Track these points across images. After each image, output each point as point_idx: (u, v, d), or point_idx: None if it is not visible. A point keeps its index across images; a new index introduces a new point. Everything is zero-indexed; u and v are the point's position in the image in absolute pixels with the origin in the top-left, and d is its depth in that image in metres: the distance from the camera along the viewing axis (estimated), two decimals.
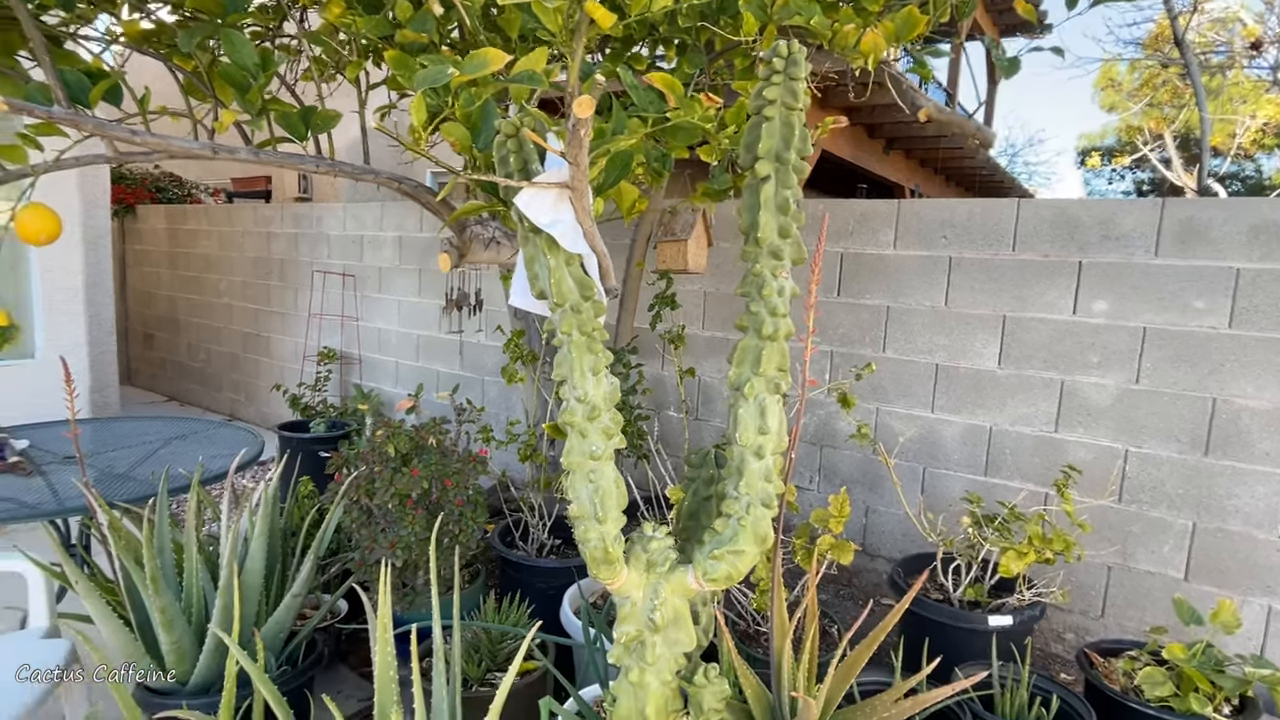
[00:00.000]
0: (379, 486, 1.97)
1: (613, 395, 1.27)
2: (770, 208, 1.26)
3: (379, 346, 5.25)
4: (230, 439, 2.82)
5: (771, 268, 1.29)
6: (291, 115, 1.57)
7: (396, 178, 1.71)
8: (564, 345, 1.24)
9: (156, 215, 7.42)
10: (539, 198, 1.13)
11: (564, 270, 1.20)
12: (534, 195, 1.13)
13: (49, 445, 2.66)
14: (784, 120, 1.24)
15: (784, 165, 1.26)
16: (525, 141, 1.13)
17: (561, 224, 1.16)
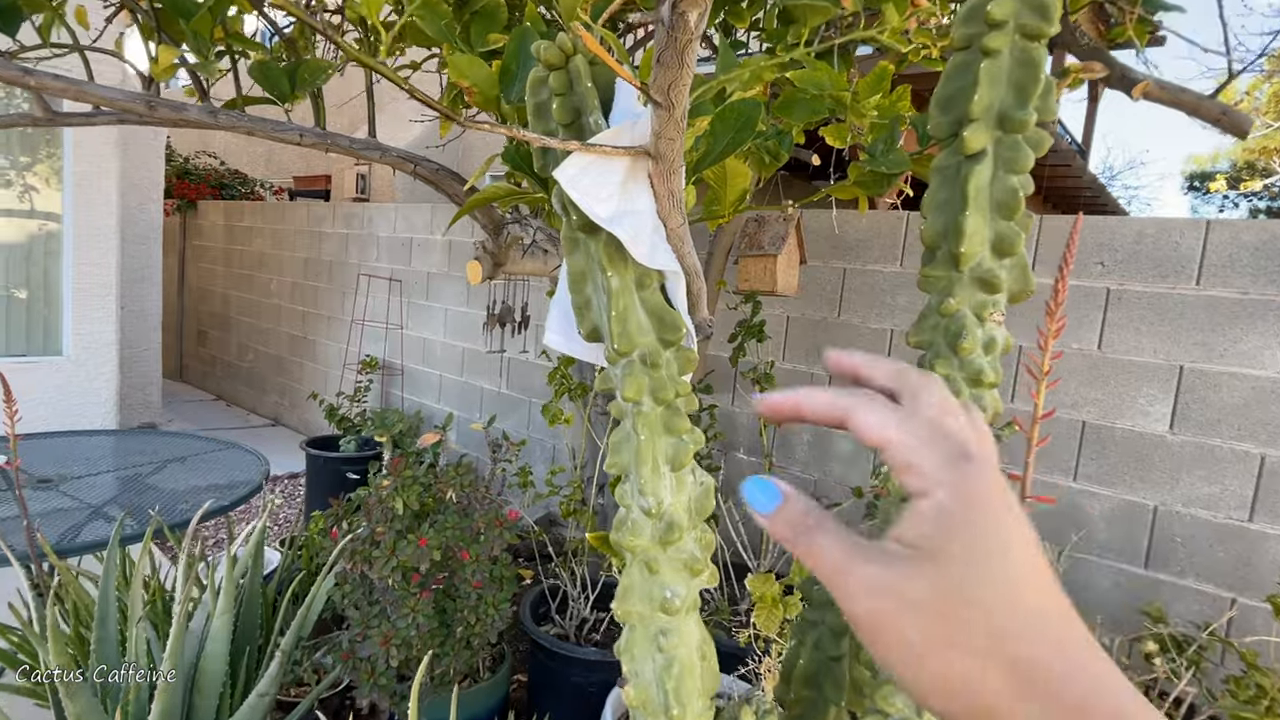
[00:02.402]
0: (378, 556, 1.54)
1: (704, 502, 0.78)
2: (983, 206, 0.76)
3: (423, 358, 4.89)
4: (231, 464, 2.44)
5: (978, 305, 0.79)
6: (271, 68, 1.14)
7: (410, 157, 1.27)
8: (627, 419, 0.77)
9: (216, 211, 7.33)
10: (597, 171, 0.66)
11: (632, 296, 0.72)
12: (589, 166, 0.66)
13: (31, 463, 2.32)
14: (1020, 57, 0.73)
15: (1012, 134, 0.75)
16: (579, 75, 0.66)
17: (633, 218, 0.68)
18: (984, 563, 0.29)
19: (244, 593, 1.70)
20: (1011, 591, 0.29)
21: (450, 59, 0.82)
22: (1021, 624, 0.28)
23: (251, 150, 9.02)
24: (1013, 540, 0.30)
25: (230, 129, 1.10)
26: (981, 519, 0.29)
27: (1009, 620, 0.28)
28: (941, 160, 0.80)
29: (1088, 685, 0.28)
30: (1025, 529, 0.30)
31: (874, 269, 2.82)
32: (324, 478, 3.81)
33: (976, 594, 0.28)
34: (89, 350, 3.96)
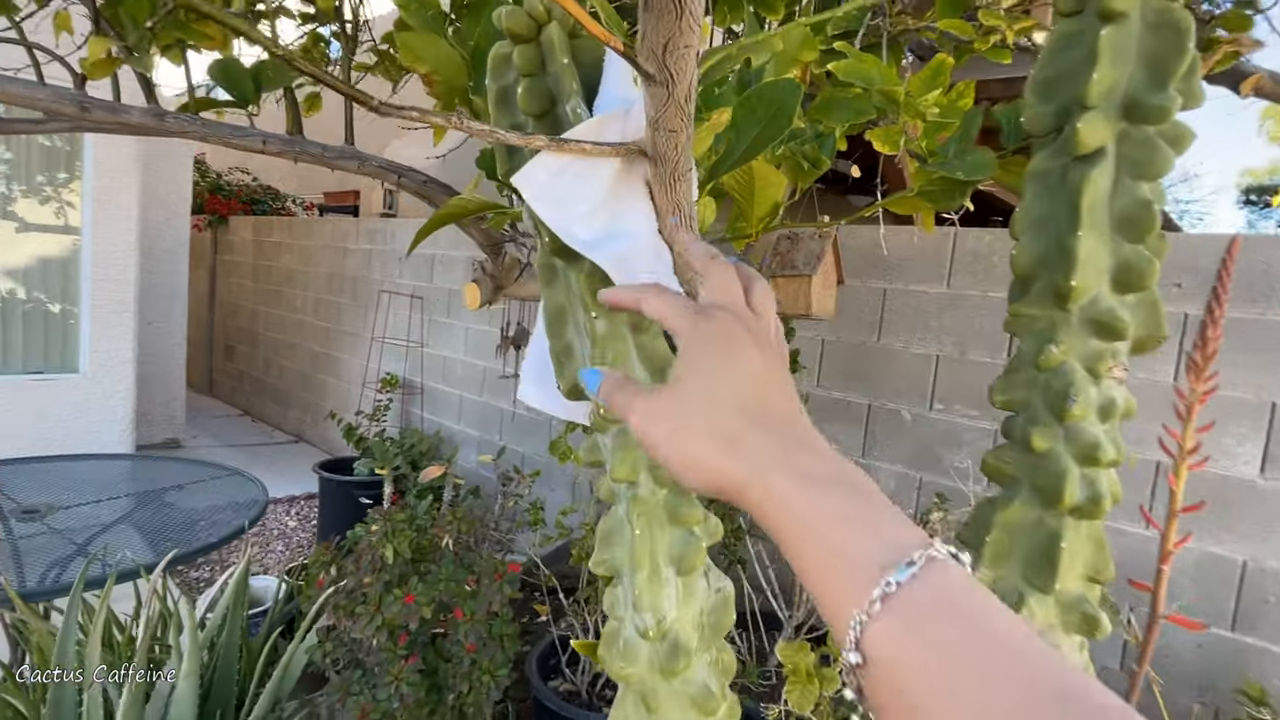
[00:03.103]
0: (362, 612, 1.37)
1: (721, 615, 0.59)
2: (1101, 223, 0.57)
3: (443, 376, 4.77)
4: (232, 491, 2.31)
5: (1091, 356, 0.59)
6: (233, 66, 0.99)
7: (394, 168, 1.11)
8: (619, 504, 0.58)
9: (245, 227, 7.35)
10: (574, 177, 0.48)
11: (626, 343, 0.55)
12: (564, 171, 0.48)
13: (20, 490, 2.21)
14: (1156, 21, 0.54)
15: (1141, 126, 0.56)
16: (554, 48, 0.48)
17: (625, 241, 0.50)
18: (706, 380, 0.39)
19: (221, 646, 1.54)
20: (729, 397, 0.38)
21: (401, 38, 0.66)
22: (735, 417, 0.38)
23: (284, 166, 9.09)
24: (735, 366, 0.39)
25: (180, 134, 0.95)
26: (706, 351, 0.39)
27: (725, 416, 0.38)
28: (1041, 163, 0.61)
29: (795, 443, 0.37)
30: (752, 360, 0.39)
31: (917, 289, 2.61)
32: (336, 502, 3.68)
33: (699, 401, 0.39)
34: (106, 368, 3.90)
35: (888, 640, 0.30)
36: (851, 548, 0.32)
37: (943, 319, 2.55)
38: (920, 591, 0.31)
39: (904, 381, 2.63)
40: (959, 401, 2.50)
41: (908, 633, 0.30)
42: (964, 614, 0.30)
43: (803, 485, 0.35)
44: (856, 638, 0.31)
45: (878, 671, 0.30)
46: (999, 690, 0.28)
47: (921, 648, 0.30)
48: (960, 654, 0.29)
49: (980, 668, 0.29)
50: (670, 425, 0.38)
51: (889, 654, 0.30)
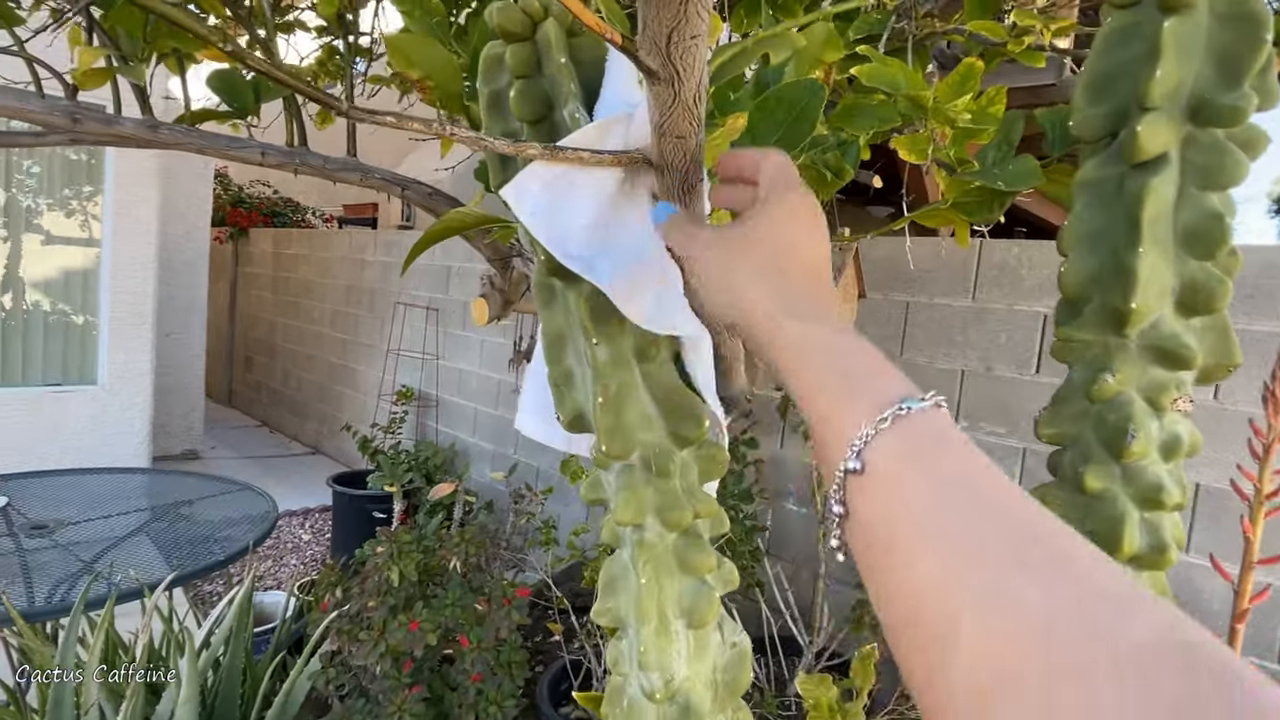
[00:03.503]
0: (366, 638, 1.32)
1: (736, 674, 0.54)
2: (1163, 238, 0.51)
3: (458, 389, 4.75)
4: (244, 505, 2.28)
5: (1153, 387, 0.53)
6: (232, 77, 0.96)
7: (399, 180, 1.08)
8: (624, 549, 0.53)
9: (265, 239, 7.42)
10: (569, 188, 0.43)
11: (631, 372, 0.49)
12: (557, 182, 0.43)
13: (30, 505, 2.20)
14: (1228, 13, 0.49)
15: (1210, 129, 0.50)
16: (550, 47, 0.44)
17: (627, 259, 0.45)
18: (772, 234, 0.42)
19: (224, 670, 1.50)
20: (785, 255, 0.41)
21: (390, 40, 0.62)
22: (786, 268, 0.41)
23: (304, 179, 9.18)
24: (809, 233, 0.42)
25: (175, 146, 0.92)
26: (784, 212, 0.42)
27: (786, 259, 0.41)
28: (1093, 172, 0.55)
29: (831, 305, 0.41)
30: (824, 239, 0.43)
31: (941, 303, 2.53)
32: (350, 516, 3.66)
33: (760, 245, 0.41)
34: (124, 380, 3.92)
35: (890, 453, 0.32)
36: (872, 376, 0.35)
37: (967, 333, 2.48)
38: (926, 422, 0.32)
39: None
40: (985, 419, 2.42)
41: (909, 450, 0.32)
42: (966, 453, 0.32)
43: (833, 329, 0.38)
44: (861, 446, 0.32)
45: (874, 483, 0.32)
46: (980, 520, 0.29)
47: (918, 466, 0.31)
48: (950, 481, 0.30)
49: (966, 497, 0.30)
50: (730, 248, 0.42)
51: (889, 465, 0.31)
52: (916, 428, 0.32)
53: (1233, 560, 1.98)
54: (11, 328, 3.75)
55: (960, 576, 0.27)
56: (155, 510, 2.20)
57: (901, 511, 0.30)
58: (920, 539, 0.29)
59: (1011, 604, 0.26)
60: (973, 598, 0.27)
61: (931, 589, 0.28)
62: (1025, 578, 0.26)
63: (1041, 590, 0.26)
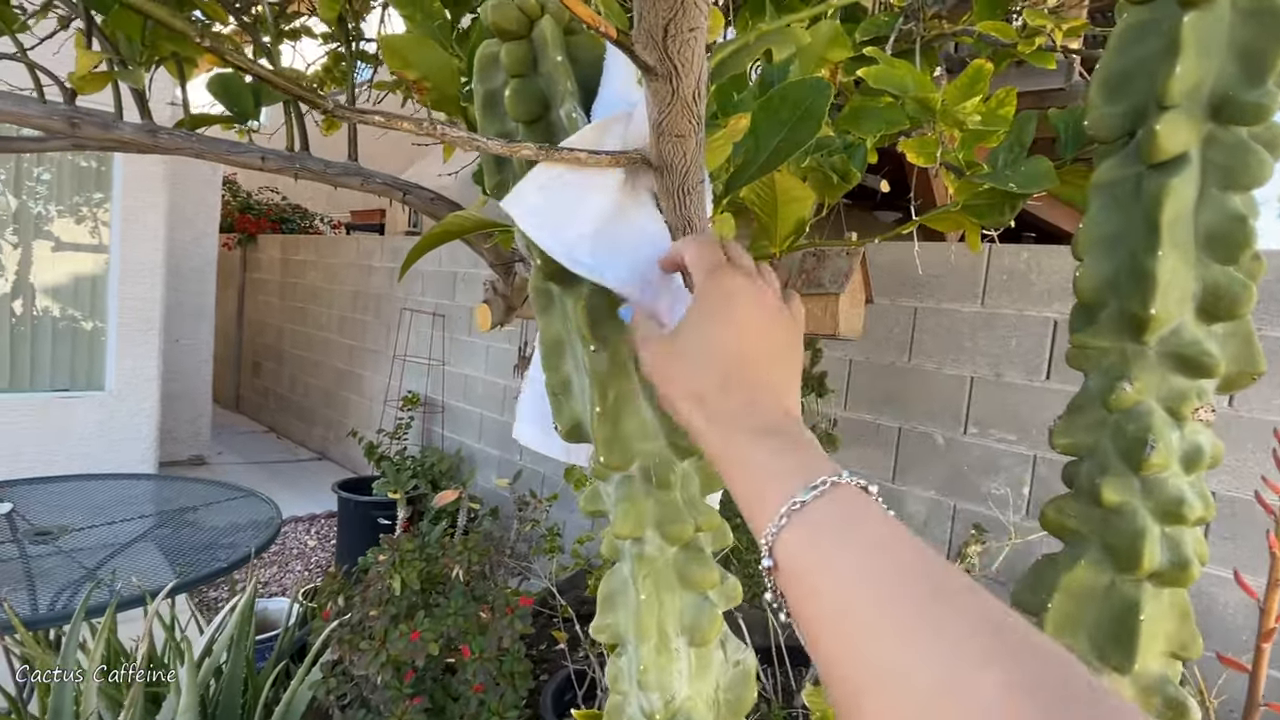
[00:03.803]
0: (367, 648, 1.31)
1: (740, 693, 0.52)
2: (1183, 241, 0.49)
3: (464, 395, 4.74)
4: (249, 511, 2.27)
5: (1173, 396, 0.51)
6: (233, 82, 0.95)
7: (398, 184, 1.07)
8: (623, 563, 0.52)
9: (273, 245, 7.45)
10: (570, 192, 0.42)
11: (630, 381, 0.48)
12: (554, 184, 0.42)
13: (35, 511, 2.20)
14: (1252, 6, 0.47)
15: (1232, 127, 0.49)
16: (546, 45, 0.42)
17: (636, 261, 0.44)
18: (699, 335, 0.43)
19: (225, 679, 1.49)
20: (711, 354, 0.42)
21: (385, 41, 0.61)
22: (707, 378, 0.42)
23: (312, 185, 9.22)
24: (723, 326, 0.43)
25: (175, 151, 0.91)
26: (707, 307, 0.43)
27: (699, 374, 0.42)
28: (1109, 173, 0.53)
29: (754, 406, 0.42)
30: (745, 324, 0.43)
31: (950, 308, 2.51)
32: (355, 522, 3.65)
33: (684, 353, 0.43)
34: (131, 385, 3.93)
35: (794, 548, 0.35)
36: (777, 476, 0.37)
37: (976, 339, 2.45)
38: (822, 508, 0.35)
39: (936, 404, 2.53)
40: (994, 425, 2.39)
41: (807, 542, 0.35)
42: (859, 526, 0.34)
43: (753, 437, 0.40)
44: (770, 545, 0.35)
45: (786, 576, 0.35)
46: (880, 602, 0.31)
47: (818, 555, 0.34)
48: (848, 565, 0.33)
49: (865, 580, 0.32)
50: (665, 369, 0.44)
51: (794, 560, 0.35)
52: (812, 517, 0.35)
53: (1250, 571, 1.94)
54: (20, 333, 3.77)
55: (863, 655, 0.30)
56: (160, 516, 2.20)
57: (811, 601, 0.33)
58: (829, 621, 0.32)
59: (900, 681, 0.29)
60: (872, 676, 0.30)
61: (840, 666, 0.31)
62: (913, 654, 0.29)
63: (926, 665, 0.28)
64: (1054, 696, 0.25)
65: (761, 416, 0.41)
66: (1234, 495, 1.95)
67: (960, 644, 0.28)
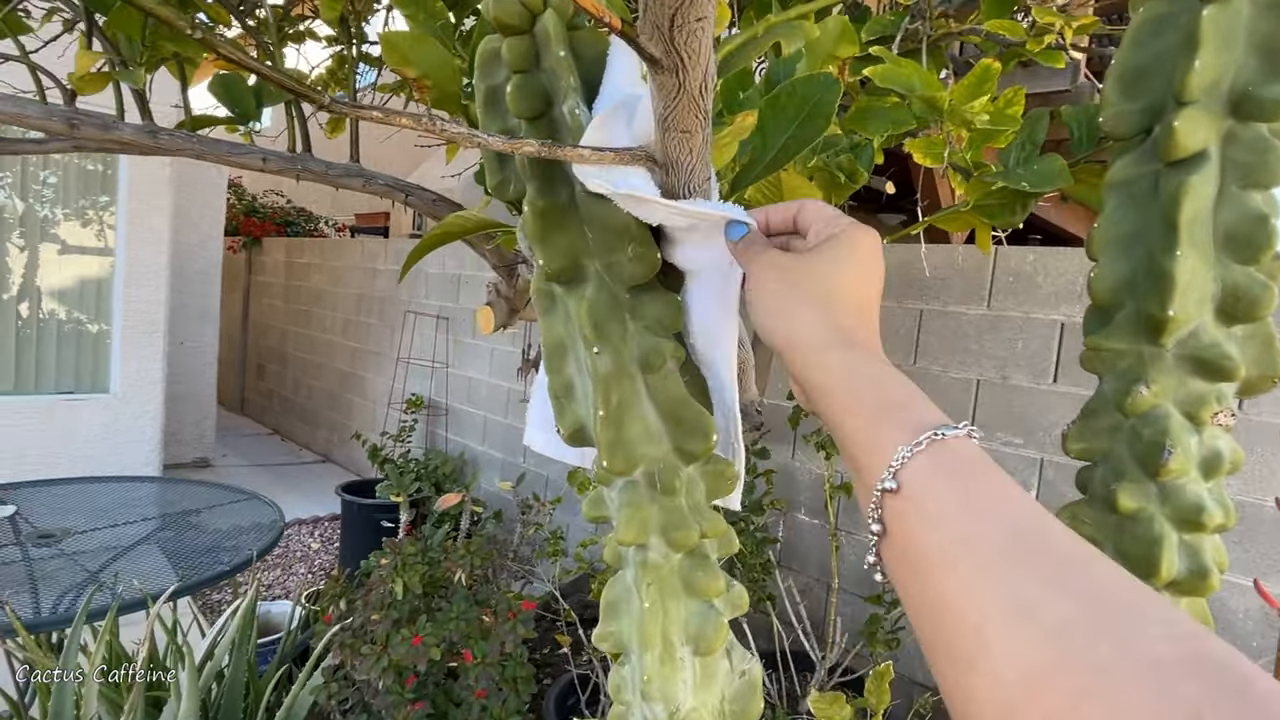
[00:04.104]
0: (369, 652, 1.30)
1: (746, 704, 0.51)
2: (1202, 241, 0.48)
3: (468, 398, 4.74)
4: (252, 514, 2.27)
5: (1192, 400, 0.50)
6: (235, 82, 0.95)
7: (400, 186, 1.06)
8: (626, 570, 0.50)
9: (278, 248, 7.47)
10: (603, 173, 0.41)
11: (634, 383, 0.47)
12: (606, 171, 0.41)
13: (38, 514, 2.20)
14: (1270, 1, 0.46)
15: (1253, 123, 0.47)
16: (549, 40, 0.41)
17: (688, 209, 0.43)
18: (838, 264, 0.43)
19: (226, 683, 1.48)
20: (841, 288, 0.43)
21: (385, 37, 0.60)
22: (838, 300, 0.42)
23: (317, 188, 9.24)
24: (866, 270, 0.44)
25: (175, 152, 0.91)
26: (853, 247, 0.44)
27: (836, 294, 0.42)
28: (1125, 170, 0.52)
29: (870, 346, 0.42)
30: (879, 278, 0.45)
31: (956, 310, 2.49)
32: (358, 525, 3.65)
33: (818, 278, 0.43)
34: (136, 388, 3.93)
35: (925, 474, 0.33)
36: (908, 405, 0.37)
37: (983, 341, 2.43)
38: (961, 448, 0.34)
39: (942, 406, 2.44)
40: (1002, 429, 2.38)
41: (943, 472, 0.33)
42: (994, 476, 0.33)
43: (874, 359, 0.40)
44: (898, 467, 0.34)
45: (909, 502, 0.33)
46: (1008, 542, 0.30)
47: (951, 487, 0.33)
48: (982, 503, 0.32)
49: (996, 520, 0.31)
50: (784, 277, 0.43)
51: (924, 485, 0.33)
52: (950, 452, 0.34)
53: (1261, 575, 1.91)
54: (26, 336, 3.78)
55: (986, 588, 0.29)
56: (163, 519, 2.19)
57: (933, 528, 0.32)
58: (949, 554, 0.31)
59: (1034, 614, 0.27)
60: (997, 608, 0.28)
61: (958, 601, 0.30)
62: (1048, 590, 0.28)
63: (1062, 601, 0.27)
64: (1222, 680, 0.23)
65: (883, 354, 0.42)
66: (1244, 499, 1.93)
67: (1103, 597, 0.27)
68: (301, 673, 1.41)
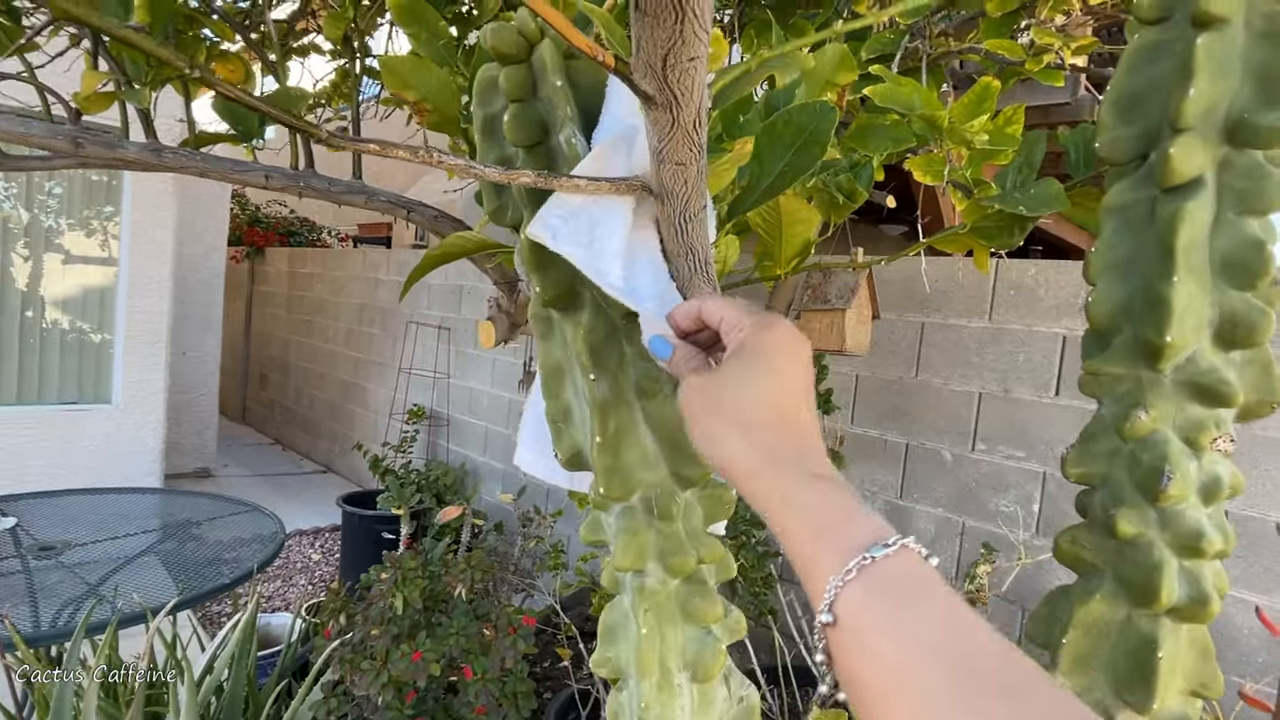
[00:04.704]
0: (368, 668, 1.29)
1: None
2: (1199, 267, 0.48)
3: (469, 408, 4.74)
4: (253, 526, 2.26)
5: (1190, 425, 0.50)
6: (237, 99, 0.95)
7: (402, 202, 1.06)
8: (624, 595, 0.50)
9: (281, 258, 7.49)
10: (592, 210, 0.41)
11: (631, 411, 0.47)
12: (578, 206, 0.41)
13: (39, 525, 2.20)
14: (1266, 29, 0.46)
15: (1248, 150, 0.48)
16: (546, 70, 0.42)
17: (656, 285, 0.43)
18: (749, 377, 0.42)
19: (225, 698, 1.47)
20: (759, 403, 0.42)
21: (384, 62, 0.61)
22: (761, 416, 0.42)
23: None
24: (777, 373, 0.43)
25: (179, 170, 0.91)
26: (759, 353, 0.43)
27: (753, 411, 0.42)
28: (1121, 195, 0.52)
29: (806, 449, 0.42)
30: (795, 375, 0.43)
31: (957, 323, 2.49)
32: (359, 537, 3.64)
33: (736, 391, 0.42)
34: (138, 399, 3.94)
35: (857, 605, 0.33)
36: (840, 526, 0.37)
37: (984, 354, 2.43)
38: (892, 569, 0.34)
39: (944, 420, 2.50)
40: (1003, 442, 2.37)
41: (877, 600, 0.33)
42: (927, 597, 0.33)
43: (805, 479, 0.40)
44: (831, 599, 0.34)
45: (847, 635, 0.33)
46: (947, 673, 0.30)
47: (886, 616, 0.33)
48: (917, 631, 0.32)
49: (933, 648, 0.31)
50: (707, 401, 0.43)
51: (856, 617, 0.33)
52: (882, 575, 0.34)
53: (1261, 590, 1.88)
54: (29, 346, 3.79)
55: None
56: (164, 531, 2.19)
57: (872, 659, 0.32)
58: (889, 687, 0.31)
59: None
60: None
61: None
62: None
63: None
64: None
65: (813, 463, 0.40)
66: (1245, 514, 1.92)
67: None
68: (301, 688, 1.40)
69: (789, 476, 0.39)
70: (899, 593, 0.33)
